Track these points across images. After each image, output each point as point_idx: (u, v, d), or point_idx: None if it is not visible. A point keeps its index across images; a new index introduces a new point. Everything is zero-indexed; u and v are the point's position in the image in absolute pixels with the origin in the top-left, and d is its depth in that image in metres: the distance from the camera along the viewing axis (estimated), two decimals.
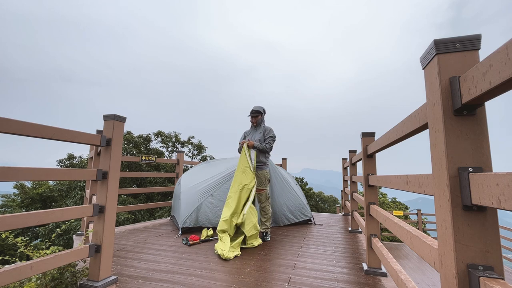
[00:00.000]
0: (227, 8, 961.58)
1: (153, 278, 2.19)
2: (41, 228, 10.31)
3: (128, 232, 3.83)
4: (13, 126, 1.51)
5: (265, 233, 3.51)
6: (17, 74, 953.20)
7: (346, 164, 5.37)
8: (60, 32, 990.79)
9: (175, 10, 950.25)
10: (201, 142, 15.61)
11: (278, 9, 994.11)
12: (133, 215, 10.69)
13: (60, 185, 12.16)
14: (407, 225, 1.42)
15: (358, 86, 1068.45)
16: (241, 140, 3.67)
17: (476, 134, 0.86)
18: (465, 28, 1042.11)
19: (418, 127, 1.20)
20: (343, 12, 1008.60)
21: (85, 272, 2.09)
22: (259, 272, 2.37)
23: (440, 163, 0.91)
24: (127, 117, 2.27)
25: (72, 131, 1.85)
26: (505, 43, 0.65)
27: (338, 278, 2.28)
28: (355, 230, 4.18)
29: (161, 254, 2.83)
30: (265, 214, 3.52)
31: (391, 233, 9.15)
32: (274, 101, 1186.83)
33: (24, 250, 1.88)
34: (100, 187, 2.11)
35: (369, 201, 2.39)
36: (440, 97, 0.91)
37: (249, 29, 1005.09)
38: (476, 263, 0.81)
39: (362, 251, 3.12)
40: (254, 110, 3.55)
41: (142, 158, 4.80)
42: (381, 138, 1.96)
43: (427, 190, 1.07)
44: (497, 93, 0.72)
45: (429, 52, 0.97)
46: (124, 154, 11.84)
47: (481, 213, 0.82)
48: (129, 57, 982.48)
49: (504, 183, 0.63)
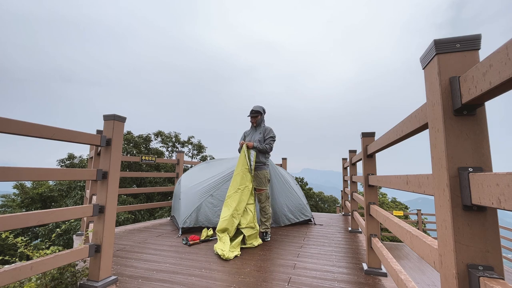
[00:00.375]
0: (227, 8, 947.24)
1: (153, 278, 2.19)
2: (41, 228, 10.31)
3: (128, 232, 3.83)
4: (13, 126, 1.51)
5: (265, 233, 3.51)
6: (17, 74, 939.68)
7: (346, 164, 5.37)
8: (60, 32, 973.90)
9: (175, 10, 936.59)
10: (201, 142, 15.62)
11: (278, 9, 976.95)
12: (133, 215, 10.69)
13: (60, 185, 12.16)
14: (407, 225, 1.42)
15: (358, 86, 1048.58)
16: (241, 141, 3.67)
17: (476, 134, 0.85)
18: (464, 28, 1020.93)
19: (418, 127, 1.20)
20: (343, 12, 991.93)
21: (85, 272, 2.09)
22: (259, 272, 2.37)
23: (440, 163, 0.91)
24: (127, 117, 2.27)
25: (72, 131, 1.85)
26: (505, 43, 0.65)
27: (338, 278, 2.28)
28: (355, 230, 4.18)
29: (161, 254, 2.83)
30: (265, 214, 3.52)
31: (391, 233, 9.15)
32: (274, 101, 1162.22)
33: (24, 250, 1.88)
34: (100, 187, 2.11)
35: (369, 201, 2.38)
36: (440, 97, 0.91)
37: (249, 29, 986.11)
38: (476, 263, 0.81)
39: (362, 251, 3.12)
40: (253, 110, 3.54)
41: (142, 158, 4.80)
42: (381, 138, 1.96)
43: (427, 190, 1.07)
44: (497, 93, 0.72)
45: (429, 52, 0.97)
46: (124, 154, 11.84)
47: (481, 213, 0.82)
48: (129, 57, 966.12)
49: (504, 183, 0.63)
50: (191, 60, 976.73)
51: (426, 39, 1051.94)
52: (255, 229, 3.25)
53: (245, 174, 3.35)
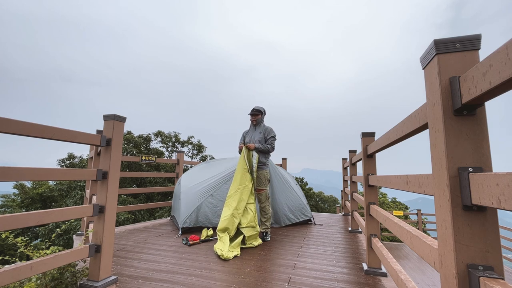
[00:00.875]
0: (227, 8, 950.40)
1: (153, 278, 2.19)
2: (41, 228, 10.31)
3: (128, 232, 3.83)
4: (13, 126, 1.51)
5: (265, 233, 3.51)
6: (17, 74, 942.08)
7: (346, 164, 5.37)
8: (60, 32, 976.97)
9: (175, 10, 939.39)
10: (201, 142, 15.63)
11: (278, 9, 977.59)
12: (133, 215, 10.69)
13: (60, 185, 12.16)
14: (407, 225, 1.42)
15: (358, 86, 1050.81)
16: (240, 142, 3.68)
17: (476, 134, 0.85)
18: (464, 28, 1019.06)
19: (418, 127, 1.19)
20: (343, 12, 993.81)
21: (85, 272, 2.09)
22: (259, 272, 2.37)
23: (440, 163, 0.91)
24: (127, 117, 2.27)
25: (72, 131, 1.85)
26: (505, 43, 0.65)
27: (338, 278, 2.28)
28: (355, 230, 4.18)
29: (161, 254, 2.83)
30: (265, 214, 3.53)
31: (391, 233, 9.15)
32: (274, 101, 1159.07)
33: (24, 250, 1.88)
34: (100, 187, 2.11)
35: (369, 201, 2.38)
36: (440, 97, 0.91)
37: (249, 29, 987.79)
38: (476, 263, 0.81)
39: (362, 251, 3.12)
40: (254, 109, 3.59)
41: (142, 158, 4.80)
42: (381, 138, 1.96)
43: (427, 190, 1.07)
44: (497, 93, 0.72)
45: (429, 52, 0.97)
46: (124, 154, 11.85)
47: (481, 213, 0.82)
48: (129, 57, 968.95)
49: (504, 183, 0.63)
50: (191, 60, 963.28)
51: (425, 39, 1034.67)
52: (256, 229, 3.25)
53: (244, 174, 3.36)
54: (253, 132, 3.63)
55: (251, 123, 3.66)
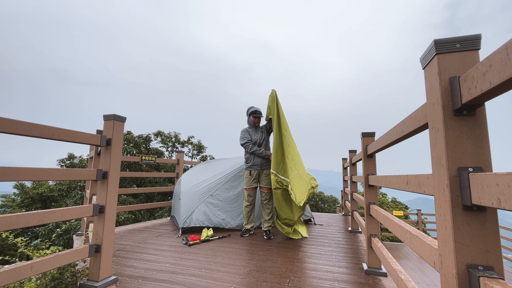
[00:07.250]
0: (227, 8, 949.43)
1: (153, 278, 2.19)
2: (41, 228, 10.30)
3: (128, 232, 3.83)
4: (13, 126, 1.51)
5: (269, 232, 3.59)
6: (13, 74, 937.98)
7: (346, 164, 5.37)
8: (56, 32, 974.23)
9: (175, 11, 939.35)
10: (201, 142, 15.62)
11: (278, 9, 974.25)
12: (133, 215, 10.68)
13: (60, 185, 12.15)
14: (407, 225, 1.42)
15: (358, 87, 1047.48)
16: (250, 142, 3.68)
17: (476, 134, 0.85)
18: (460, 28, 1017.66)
19: (418, 127, 1.20)
20: (342, 12, 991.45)
21: (85, 272, 2.09)
22: (259, 272, 2.37)
23: (440, 163, 0.91)
24: (127, 117, 2.27)
25: (72, 131, 1.85)
26: (505, 43, 0.65)
27: (338, 278, 2.28)
28: (355, 230, 4.18)
29: (161, 254, 2.83)
30: (269, 212, 3.66)
31: (391, 233, 9.14)
32: None
33: (24, 250, 1.88)
34: (100, 187, 2.11)
35: (369, 201, 2.38)
36: (440, 97, 0.91)
37: (249, 30, 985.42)
38: (476, 263, 0.81)
39: (362, 251, 3.12)
40: (259, 111, 3.75)
41: (142, 158, 4.80)
42: (381, 138, 1.96)
43: (427, 190, 1.07)
44: (497, 93, 0.72)
45: (429, 52, 0.97)
46: (124, 154, 11.84)
47: (481, 213, 0.82)
48: (128, 57, 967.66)
49: (504, 183, 0.63)
50: (191, 60, 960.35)
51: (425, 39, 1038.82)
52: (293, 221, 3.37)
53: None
54: (255, 132, 3.78)
55: (254, 123, 3.78)
